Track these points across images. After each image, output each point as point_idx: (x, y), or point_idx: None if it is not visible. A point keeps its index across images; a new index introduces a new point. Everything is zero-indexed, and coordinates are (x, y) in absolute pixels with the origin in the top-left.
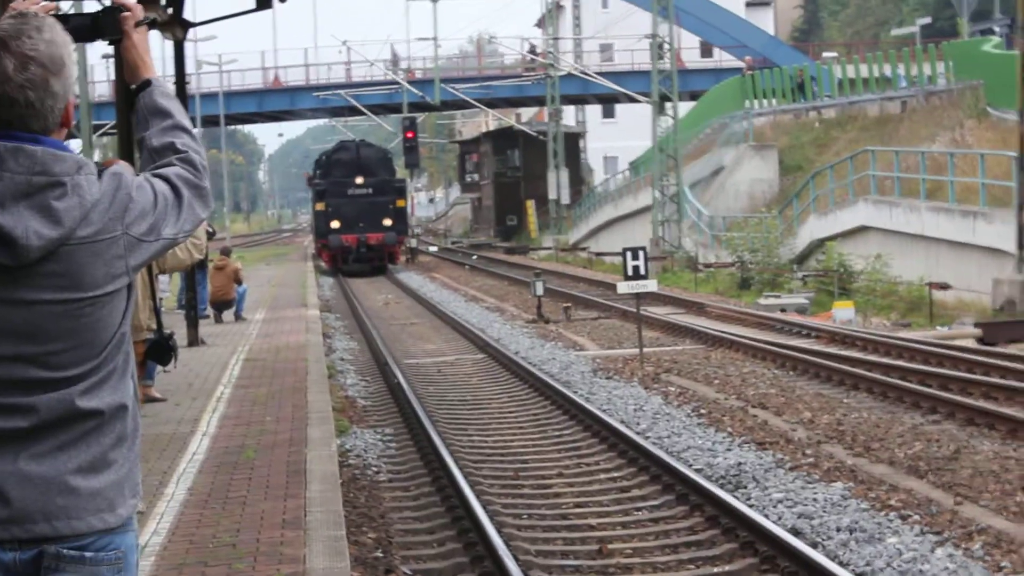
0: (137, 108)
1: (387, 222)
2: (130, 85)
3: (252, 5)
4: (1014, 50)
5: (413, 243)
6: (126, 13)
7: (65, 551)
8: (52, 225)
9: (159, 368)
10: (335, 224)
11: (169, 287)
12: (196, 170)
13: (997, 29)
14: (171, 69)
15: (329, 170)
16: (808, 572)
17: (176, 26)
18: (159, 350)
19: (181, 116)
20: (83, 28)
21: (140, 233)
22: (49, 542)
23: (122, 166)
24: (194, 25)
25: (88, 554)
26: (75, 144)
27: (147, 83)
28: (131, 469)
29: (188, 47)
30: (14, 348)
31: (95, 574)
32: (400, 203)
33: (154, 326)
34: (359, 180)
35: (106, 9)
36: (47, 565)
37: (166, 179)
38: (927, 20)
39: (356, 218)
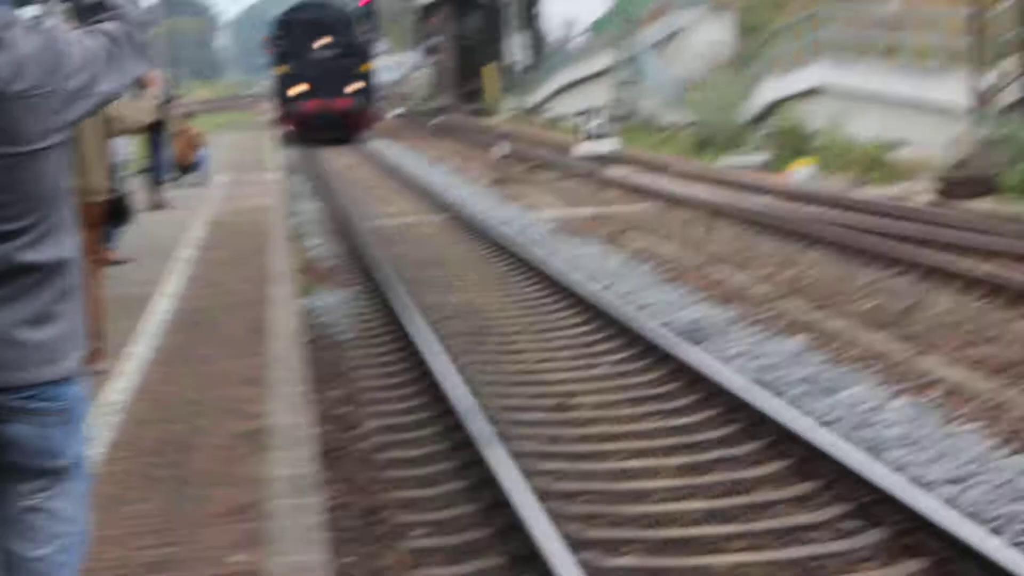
0: None
1: (353, 87)
2: None
3: None
4: None
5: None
6: None
7: (13, 402)
8: None
9: (118, 228)
10: (297, 89)
11: (128, 149)
12: (132, 24)
13: None
14: None
15: (289, 31)
16: (766, 424)
17: None
18: (115, 210)
19: None
20: None
21: (75, 87)
22: None
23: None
24: None
25: (35, 404)
26: (32, 9)
27: None
28: (75, 323)
29: None
30: None
31: (42, 423)
32: (366, 67)
33: (108, 187)
34: (322, 41)
35: None
36: None
37: (102, 33)
38: None
39: (320, 82)
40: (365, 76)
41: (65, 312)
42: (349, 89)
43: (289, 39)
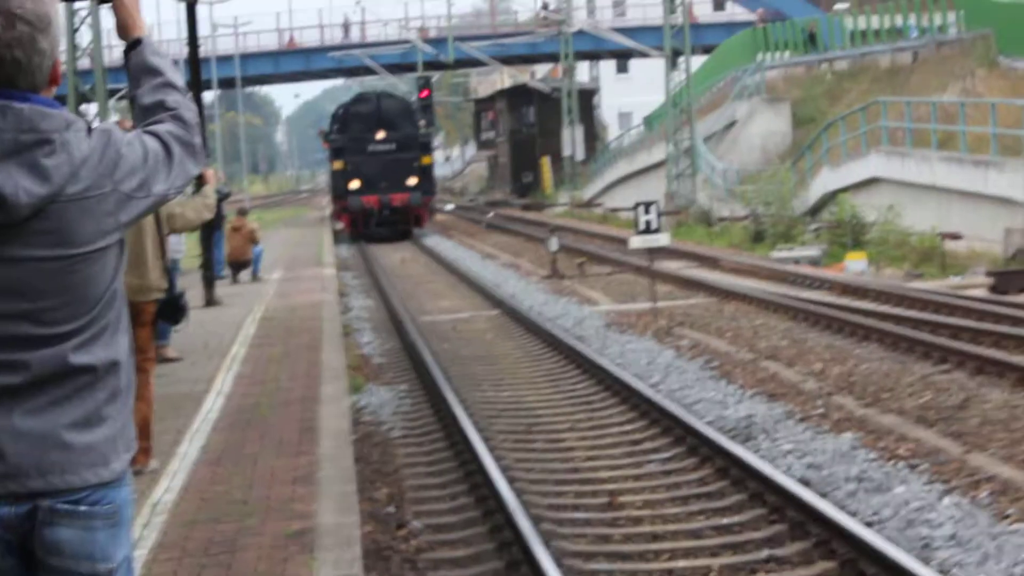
0: (128, 66)
1: (412, 181)
2: (124, 43)
3: None
4: None
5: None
6: None
7: (59, 505)
8: (41, 182)
9: (173, 327)
10: (355, 184)
11: (184, 247)
12: (187, 126)
13: None
14: (185, 32)
15: (347, 124)
16: (816, 522)
17: None
18: (170, 309)
19: (172, 73)
20: None
21: (130, 189)
22: (43, 497)
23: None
24: None
25: (82, 508)
26: (91, 108)
27: (137, 41)
28: (125, 424)
29: (203, 9)
30: (7, 305)
31: (89, 527)
32: (426, 160)
33: (165, 286)
34: (380, 135)
35: None
36: (42, 519)
37: (156, 135)
38: None
39: (378, 177)
40: (425, 170)
41: (115, 413)
42: (408, 183)
43: (346, 133)
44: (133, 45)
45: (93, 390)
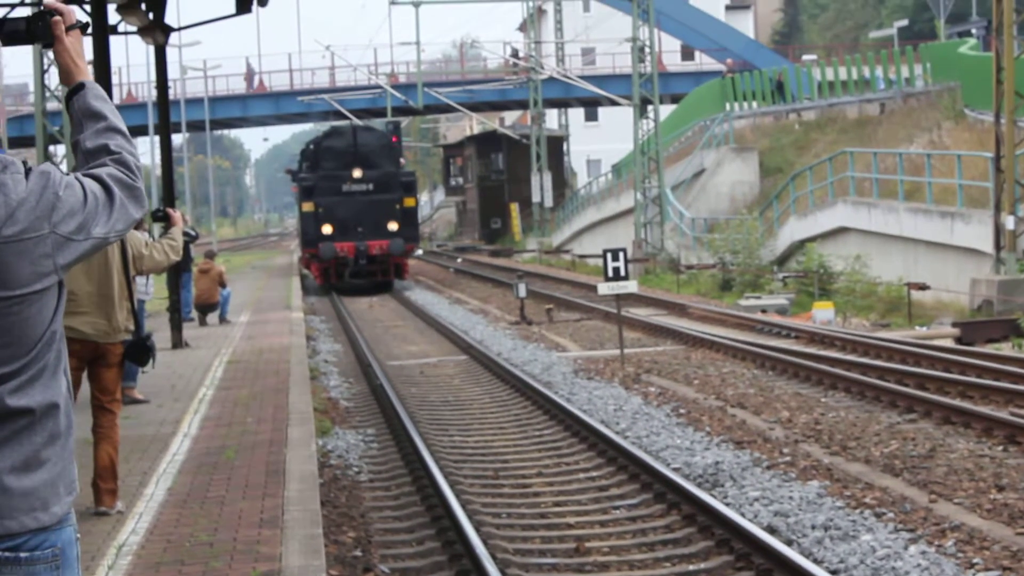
0: (71, 111)
1: (393, 226)
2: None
3: (234, 10)
4: (990, 52)
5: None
6: (57, 17)
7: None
8: None
9: (140, 369)
10: (327, 229)
11: (152, 289)
12: (129, 171)
13: (974, 31)
14: (154, 75)
15: (319, 161)
16: (783, 569)
17: (157, 31)
18: (137, 351)
19: (115, 118)
20: (16, 33)
21: (68, 232)
22: None
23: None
24: (175, 30)
25: (23, 554)
26: (59, 149)
27: (80, 86)
28: (65, 467)
29: (173, 53)
30: None
31: (32, 573)
32: (409, 202)
33: (132, 327)
34: (357, 173)
35: (37, 14)
36: None
37: (98, 179)
38: (905, 22)
39: (354, 221)
40: (407, 213)
41: (54, 456)
42: (388, 228)
43: (318, 170)
44: (76, 90)
45: (31, 433)
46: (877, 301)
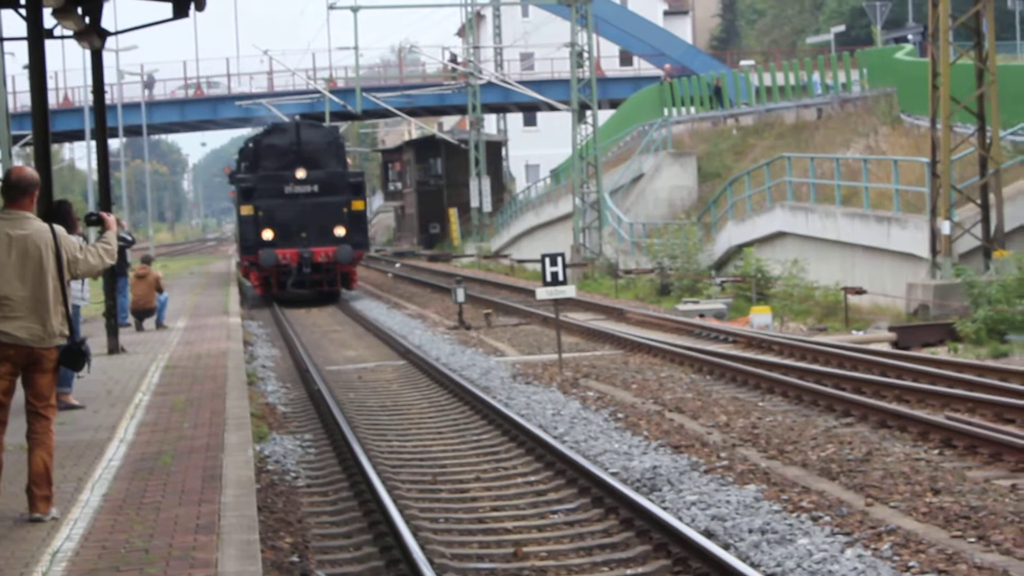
0: None
1: (340, 231)
2: None
3: (171, 14)
4: (926, 57)
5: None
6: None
7: None
8: None
9: (76, 374)
10: (268, 234)
11: (88, 294)
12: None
13: (910, 37)
14: (90, 79)
15: (259, 160)
16: (720, 573)
17: (93, 35)
18: (72, 356)
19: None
20: None
21: None
22: None
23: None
24: (111, 34)
25: None
26: None
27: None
28: None
29: (110, 57)
30: None
31: None
32: (358, 205)
33: (67, 332)
34: (301, 174)
35: None
36: None
37: None
38: (842, 28)
39: (297, 226)
40: (356, 217)
41: None
42: (335, 234)
43: (258, 170)
44: None
45: None
46: (814, 305)
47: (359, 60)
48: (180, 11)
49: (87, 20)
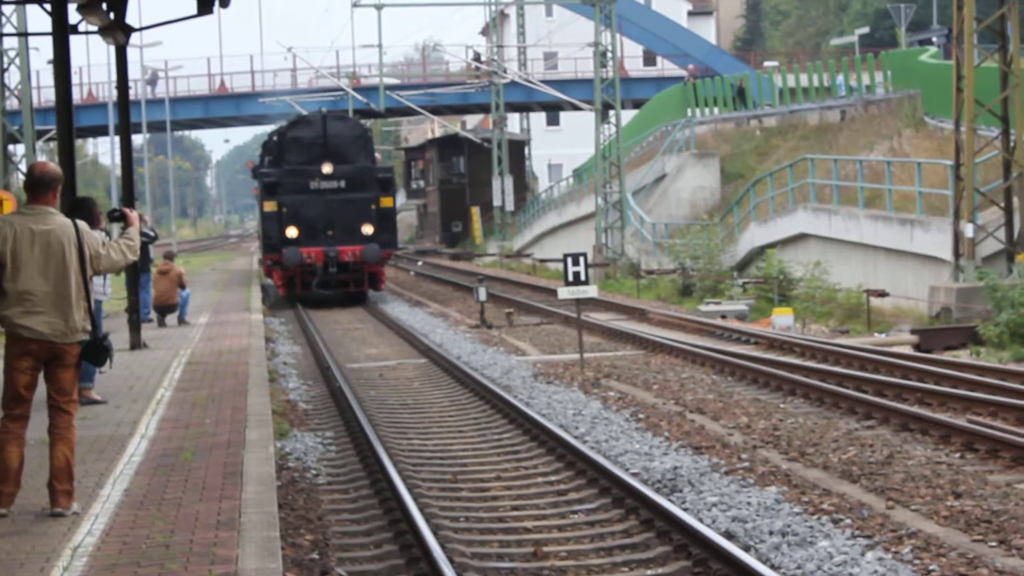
0: None
1: (368, 229)
2: None
3: (195, 11)
4: (950, 60)
5: None
6: None
7: None
8: None
9: (97, 369)
10: (292, 232)
11: (109, 289)
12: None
13: (934, 39)
14: (114, 75)
15: (283, 154)
16: (740, 575)
17: (118, 31)
18: (94, 351)
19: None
20: None
21: None
22: None
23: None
24: (136, 30)
25: None
26: (19, 149)
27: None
28: None
29: (135, 53)
30: None
31: None
32: (386, 202)
33: (89, 328)
34: (327, 168)
35: None
36: None
37: None
38: (866, 30)
39: (323, 223)
40: (385, 215)
41: None
42: (363, 232)
43: (282, 165)
44: None
45: None
46: (836, 307)
47: (383, 58)
48: (204, 7)
49: (112, 16)
